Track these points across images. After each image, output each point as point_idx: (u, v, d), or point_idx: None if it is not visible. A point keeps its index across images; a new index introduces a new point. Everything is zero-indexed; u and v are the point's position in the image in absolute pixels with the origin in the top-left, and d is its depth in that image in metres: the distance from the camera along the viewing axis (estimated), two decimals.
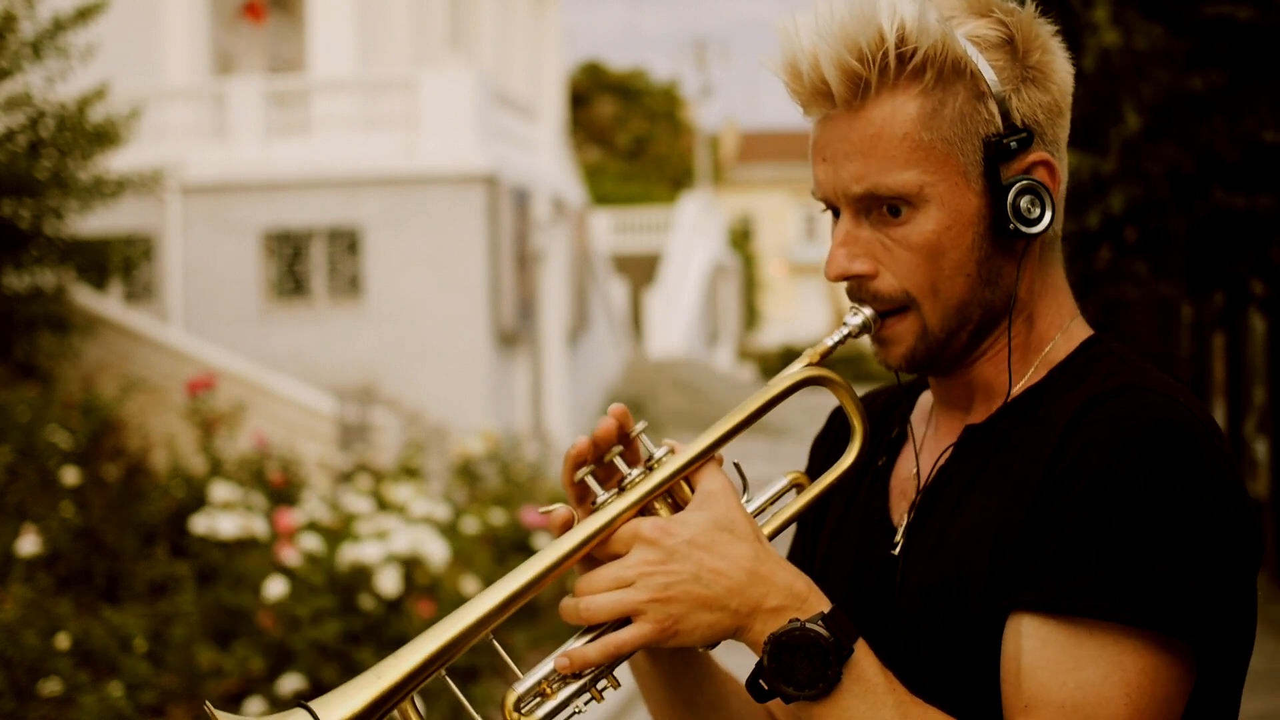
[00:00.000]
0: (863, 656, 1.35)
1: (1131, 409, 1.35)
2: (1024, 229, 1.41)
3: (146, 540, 8.15)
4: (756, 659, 1.36)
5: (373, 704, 1.32)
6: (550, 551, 1.38)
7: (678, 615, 1.34)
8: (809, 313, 61.72)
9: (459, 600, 7.67)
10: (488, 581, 8.54)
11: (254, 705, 6.65)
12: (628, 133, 50.69)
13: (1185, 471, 1.32)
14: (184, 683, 6.53)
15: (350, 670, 6.92)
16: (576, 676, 1.38)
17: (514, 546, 9.57)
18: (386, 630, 7.16)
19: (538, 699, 1.38)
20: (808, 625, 1.33)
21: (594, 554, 1.39)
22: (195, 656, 6.62)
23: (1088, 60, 5.85)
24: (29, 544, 7.05)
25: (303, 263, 19.31)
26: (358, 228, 19.12)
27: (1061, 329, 1.49)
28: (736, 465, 1.46)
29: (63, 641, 6.26)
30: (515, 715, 1.37)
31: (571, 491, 1.43)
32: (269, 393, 14.63)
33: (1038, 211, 1.42)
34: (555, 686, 1.38)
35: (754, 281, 50.42)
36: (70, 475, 8.21)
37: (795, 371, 1.46)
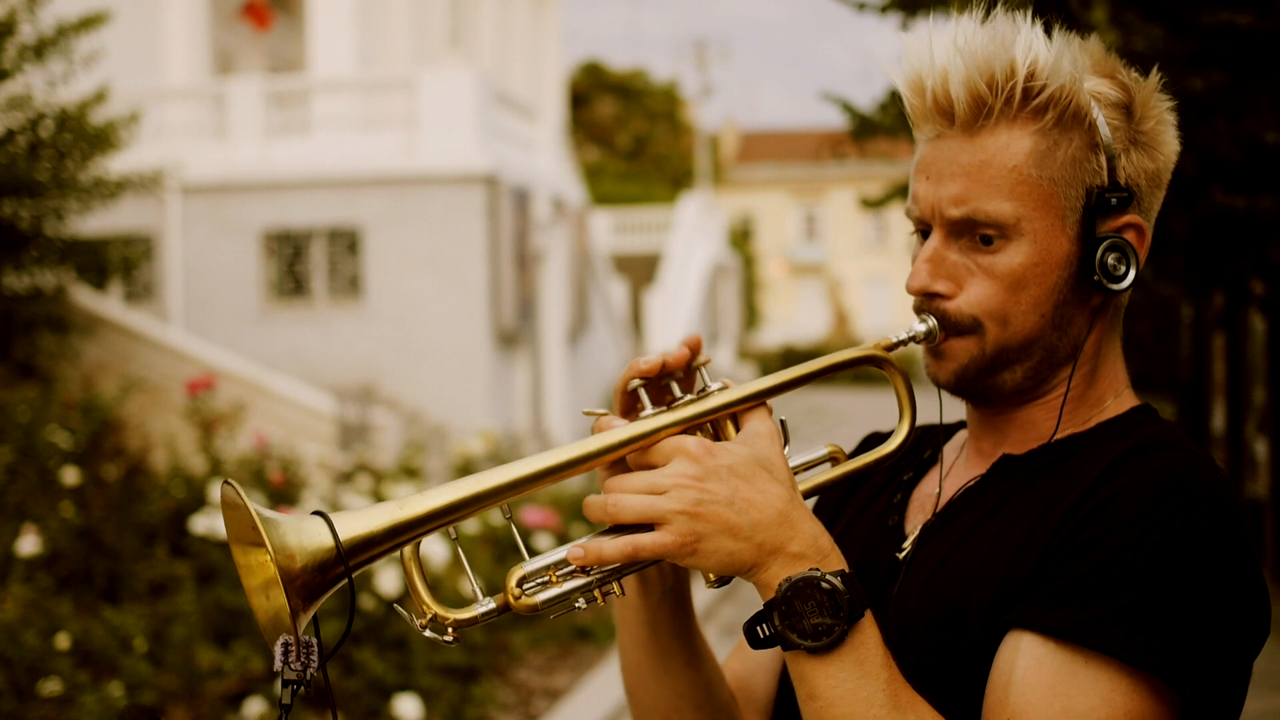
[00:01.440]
0: (869, 625, 1.36)
1: (1175, 464, 1.37)
2: (1107, 284, 1.44)
3: (146, 540, 8.15)
4: (761, 604, 1.37)
5: (388, 530, 1.32)
6: (591, 442, 1.39)
7: (702, 534, 1.34)
8: (809, 313, 61.71)
9: (459, 600, 7.68)
10: (488, 581, 8.56)
11: (254, 705, 6.65)
12: (628, 133, 50.69)
13: (1217, 537, 1.33)
14: (184, 683, 6.53)
15: (350, 671, 6.93)
16: (585, 571, 1.38)
17: (514, 546, 9.56)
18: (387, 630, 7.16)
19: (541, 583, 1.38)
20: (827, 576, 1.33)
21: (631, 461, 1.40)
22: (195, 656, 6.62)
23: None
24: (29, 544, 7.05)
25: (303, 263, 19.32)
26: (358, 228, 19.13)
27: (1116, 393, 1.51)
28: (783, 421, 1.47)
29: (63, 641, 6.26)
30: (516, 591, 1.38)
31: (621, 400, 1.44)
32: (269, 393, 14.63)
33: (1123, 270, 1.44)
34: (560, 577, 1.38)
35: (754, 281, 50.43)
36: (70, 475, 8.21)
37: (863, 348, 1.49)
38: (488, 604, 1.38)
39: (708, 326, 36.55)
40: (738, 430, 1.42)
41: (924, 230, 1.49)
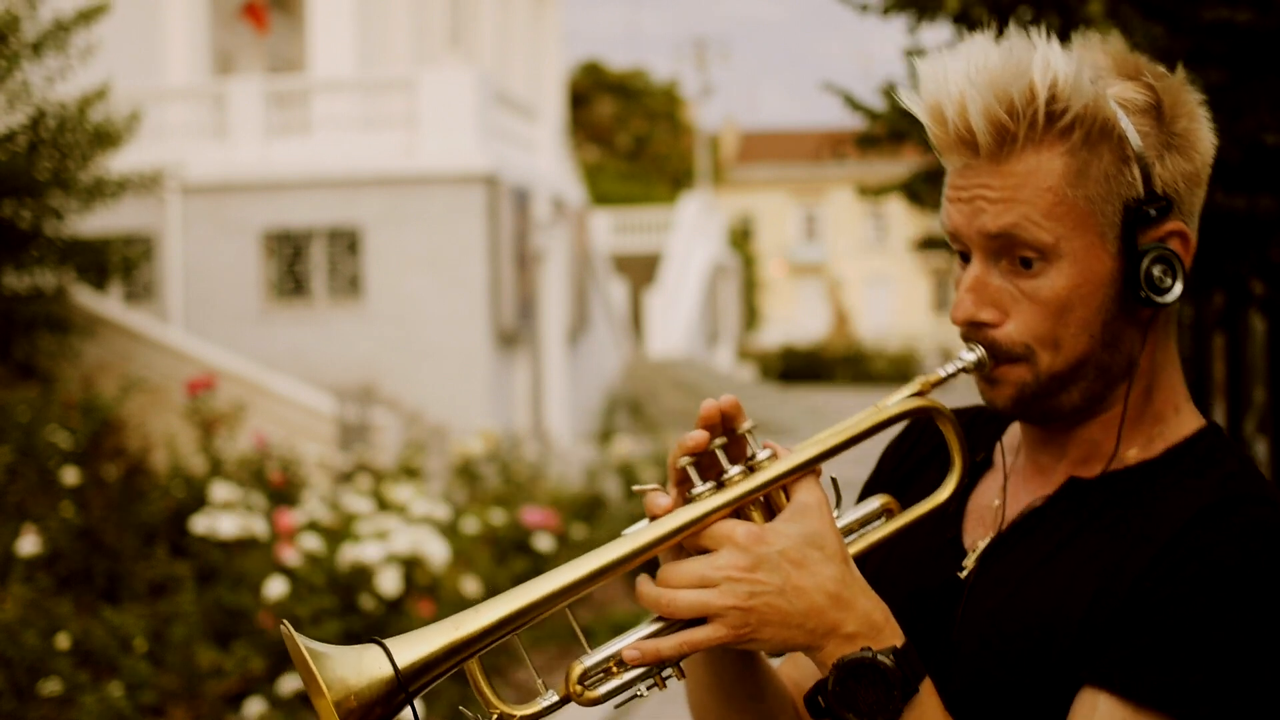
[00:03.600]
0: (927, 697, 1.35)
1: (1257, 524, 1.34)
2: (1155, 297, 1.41)
3: (146, 540, 8.15)
4: (821, 676, 1.37)
5: (446, 651, 1.33)
6: (644, 534, 1.38)
7: (755, 625, 1.35)
8: (809, 312, 61.71)
9: (459, 600, 7.67)
10: (488, 582, 8.54)
11: (254, 705, 6.65)
12: (628, 133, 50.71)
13: None
14: (184, 683, 6.53)
15: None
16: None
17: (514, 546, 9.57)
18: (387, 630, 7.15)
19: (602, 675, 1.39)
20: (878, 656, 1.33)
21: (684, 544, 1.39)
22: (195, 656, 6.62)
23: None
24: (29, 544, 7.06)
25: (303, 263, 19.32)
26: (358, 228, 19.13)
27: (1177, 407, 1.49)
28: (834, 481, 1.46)
29: (63, 641, 6.26)
30: (578, 688, 1.38)
31: (674, 474, 1.42)
32: (269, 393, 14.63)
33: (1169, 281, 1.41)
34: (620, 668, 1.38)
35: (754, 281, 50.43)
36: (70, 475, 8.21)
37: (903, 399, 1.46)
38: (551, 697, 1.38)
39: (708, 326, 36.56)
40: (788, 498, 1.41)
41: (963, 253, 1.47)
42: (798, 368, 45.88)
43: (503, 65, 25.60)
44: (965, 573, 1.49)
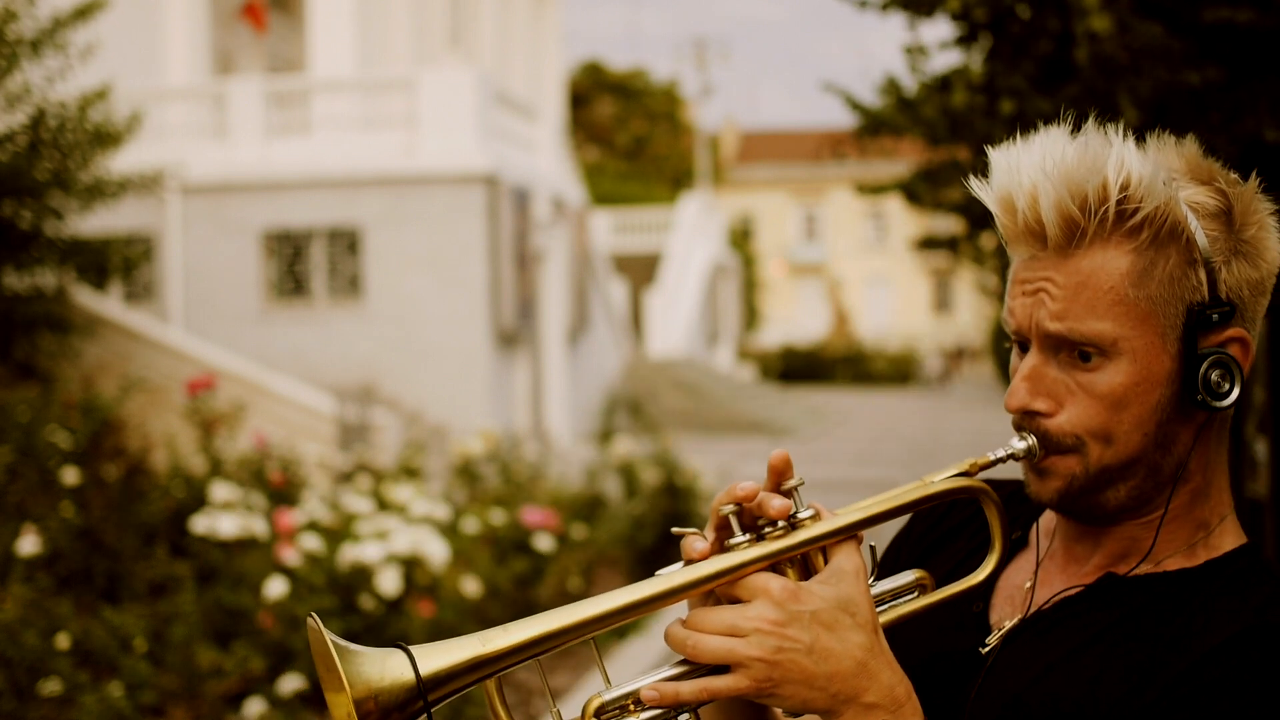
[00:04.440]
0: None
1: None
2: (1212, 402, 1.41)
3: (146, 540, 8.15)
4: None
5: (469, 664, 1.34)
6: (678, 576, 1.39)
7: (778, 680, 1.35)
8: (809, 312, 61.73)
9: (460, 600, 7.67)
10: (488, 582, 8.54)
11: (254, 705, 6.66)
12: (627, 133, 50.72)
13: None
14: (184, 683, 6.53)
15: None
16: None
17: (514, 546, 9.56)
18: (387, 630, 7.16)
19: (618, 711, 1.39)
20: None
21: (718, 591, 1.40)
22: (195, 656, 6.62)
23: (1080, 52, 5.84)
24: (29, 544, 7.06)
25: (303, 263, 19.32)
26: (358, 228, 19.13)
27: (1223, 517, 1.48)
28: (872, 548, 1.47)
29: (63, 641, 6.26)
30: None
31: (715, 520, 1.43)
32: (269, 393, 14.63)
33: (1227, 386, 1.41)
34: (637, 707, 1.39)
35: (754, 281, 50.42)
36: (70, 475, 8.21)
37: (952, 477, 1.47)
38: None
39: (708, 326, 36.56)
40: (826, 561, 1.41)
41: (1021, 343, 1.48)
42: (798, 368, 45.92)
43: (503, 65, 25.61)
44: (987, 649, 1.50)
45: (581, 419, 23.65)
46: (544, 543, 9.48)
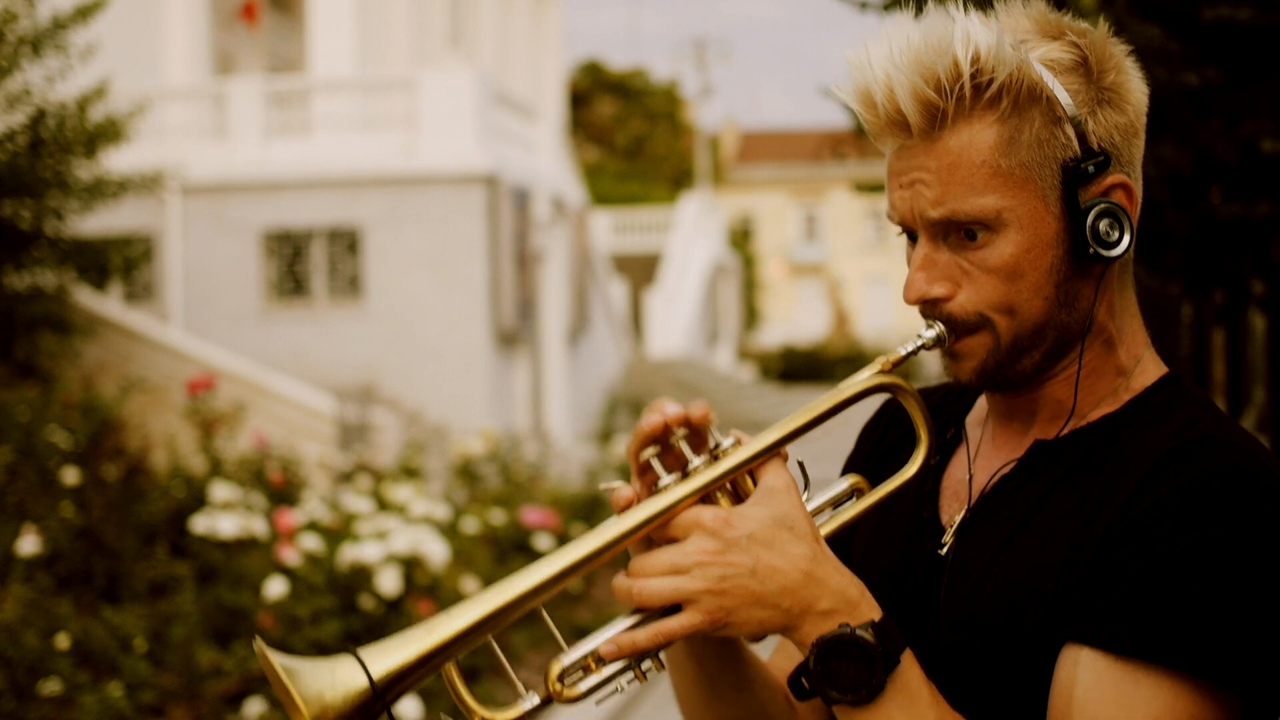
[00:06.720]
0: (908, 667, 1.36)
1: (1220, 465, 1.35)
2: (1103, 252, 1.42)
3: (146, 540, 8.15)
4: (802, 657, 1.37)
5: (421, 658, 1.32)
6: (610, 528, 1.38)
7: (730, 608, 1.34)
8: (809, 312, 61.72)
9: (459, 600, 7.67)
10: (488, 582, 8.55)
11: (254, 705, 6.66)
12: (627, 133, 50.72)
13: (1267, 536, 1.32)
14: (184, 683, 6.54)
15: None
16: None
17: (514, 546, 9.57)
18: (387, 630, 7.16)
19: (581, 672, 1.38)
20: (857, 631, 1.34)
21: (652, 536, 1.39)
22: (195, 656, 6.62)
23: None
24: (29, 544, 7.06)
25: (303, 263, 19.32)
26: (358, 228, 19.14)
27: (1138, 357, 1.50)
28: (800, 464, 1.46)
29: (63, 641, 6.26)
30: (558, 686, 1.38)
31: (635, 466, 1.43)
32: (269, 393, 14.63)
33: (1116, 234, 1.42)
34: (600, 663, 1.38)
35: (754, 281, 50.41)
36: (70, 475, 8.21)
37: (866, 378, 1.46)
38: (532, 699, 1.38)
39: (708, 326, 36.55)
40: (755, 484, 1.41)
41: (909, 234, 1.48)
42: (798, 368, 45.87)
43: (503, 65, 25.61)
44: (945, 549, 1.49)
45: (581, 419, 23.65)
46: (544, 543, 9.48)
